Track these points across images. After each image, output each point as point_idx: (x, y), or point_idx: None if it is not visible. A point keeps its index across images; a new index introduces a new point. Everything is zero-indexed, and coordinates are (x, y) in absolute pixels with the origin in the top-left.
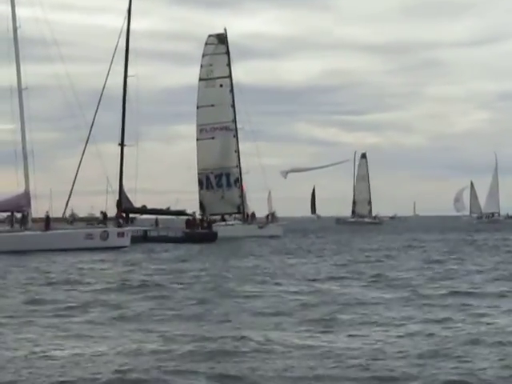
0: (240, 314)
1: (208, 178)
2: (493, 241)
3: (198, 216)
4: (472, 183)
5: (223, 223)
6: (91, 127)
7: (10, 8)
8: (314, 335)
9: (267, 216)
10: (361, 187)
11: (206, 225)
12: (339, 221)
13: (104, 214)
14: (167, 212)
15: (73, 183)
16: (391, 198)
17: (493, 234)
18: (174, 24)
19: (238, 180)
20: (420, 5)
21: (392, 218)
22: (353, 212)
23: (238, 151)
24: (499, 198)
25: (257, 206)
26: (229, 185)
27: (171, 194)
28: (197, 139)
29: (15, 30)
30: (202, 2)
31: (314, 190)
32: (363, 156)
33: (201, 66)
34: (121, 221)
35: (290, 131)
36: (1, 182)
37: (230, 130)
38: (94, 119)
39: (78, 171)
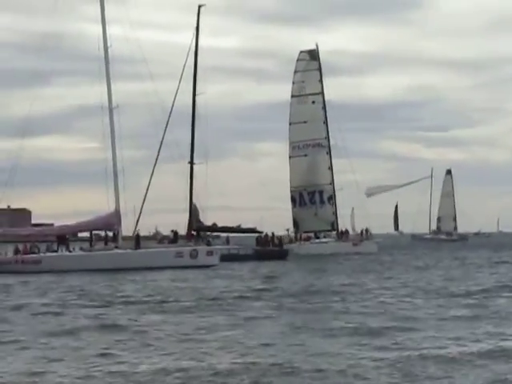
0: None
1: (301, 195)
2: None
3: (287, 233)
4: None
5: (317, 240)
6: (160, 145)
7: (101, 27)
8: None
9: (361, 232)
10: (446, 203)
11: (277, 242)
12: (415, 237)
13: (175, 233)
14: (238, 230)
15: (142, 202)
16: (475, 214)
17: None
18: (256, 42)
19: (332, 197)
20: (503, 20)
21: (476, 234)
22: (438, 228)
23: (331, 168)
24: None
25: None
26: (322, 202)
27: (254, 212)
28: (289, 156)
29: (106, 49)
30: (280, 19)
31: (396, 206)
32: (448, 172)
33: (293, 83)
34: (207, 239)
35: (372, 147)
36: (91, 200)
37: (323, 146)
38: (163, 138)
39: (147, 189)
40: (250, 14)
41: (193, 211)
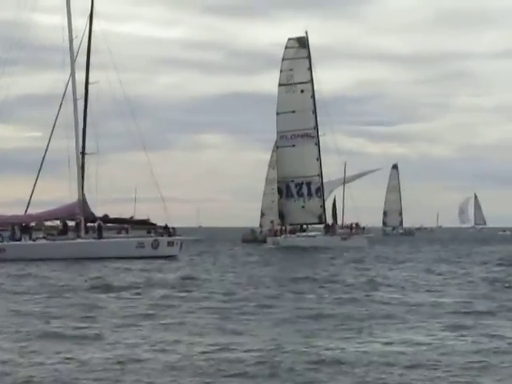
0: None
1: (288, 187)
2: None
3: (272, 225)
4: (475, 195)
5: (304, 234)
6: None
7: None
8: None
9: (350, 226)
10: (392, 198)
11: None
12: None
13: (64, 224)
14: (130, 221)
15: (31, 193)
16: (416, 209)
17: None
18: (202, 33)
19: (320, 189)
20: (449, 15)
21: (418, 229)
22: (383, 223)
23: (319, 159)
24: None
25: None
26: (310, 194)
27: (194, 204)
28: (277, 147)
29: (71, 40)
30: (227, 11)
31: (334, 200)
32: (394, 167)
33: (280, 71)
34: (169, 230)
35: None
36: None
37: (312, 137)
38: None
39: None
40: (196, 6)
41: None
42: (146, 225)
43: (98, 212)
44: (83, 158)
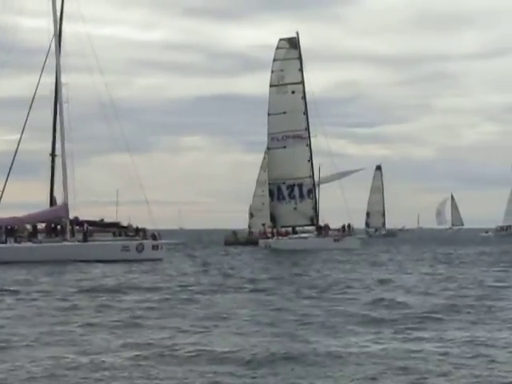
0: None
1: (279, 189)
2: None
3: (263, 227)
4: (452, 196)
5: (296, 236)
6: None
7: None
8: None
9: (343, 228)
10: (375, 199)
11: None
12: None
13: (34, 227)
14: (100, 224)
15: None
16: (397, 211)
17: None
18: (182, 35)
19: (312, 191)
20: (429, 17)
21: (400, 230)
22: (366, 224)
23: (311, 161)
24: None
25: None
26: (301, 196)
27: (174, 206)
28: (268, 148)
29: (58, 43)
30: (207, 13)
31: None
32: (378, 168)
33: (271, 72)
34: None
35: None
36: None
37: (303, 138)
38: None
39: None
40: (175, 8)
41: (53, 204)
42: (116, 227)
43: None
44: (53, 160)
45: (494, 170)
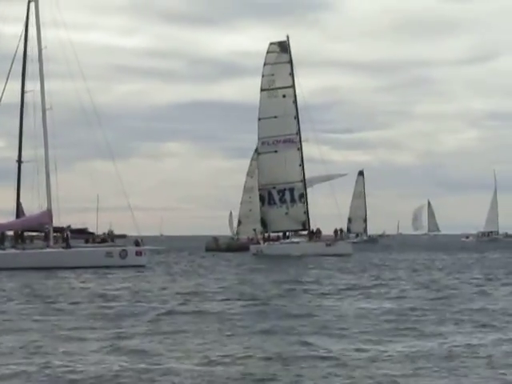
0: None
1: (270, 194)
2: None
3: (254, 233)
4: (429, 202)
5: (287, 241)
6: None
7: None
8: None
9: (335, 232)
10: (357, 204)
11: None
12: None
13: (1, 234)
14: (67, 230)
15: None
16: (379, 216)
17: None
18: (163, 42)
19: (303, 195)
20: (410, 23)
21: (380, 236)
22: (348, 230)
23: (302, 165)
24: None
25: None
26: (293, 200)
27: (156, 212)
28: (258, 153)
29: (40, 50)
30: (187, 19)
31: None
32: (360, 173)
33: (262, 76)
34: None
35: None
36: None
37: (294, 142)
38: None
39: None
40: (156, 14)
41: (20, 212)
42: (84, 234)
43: None
44: (19, 166)
45: (474, 176)
